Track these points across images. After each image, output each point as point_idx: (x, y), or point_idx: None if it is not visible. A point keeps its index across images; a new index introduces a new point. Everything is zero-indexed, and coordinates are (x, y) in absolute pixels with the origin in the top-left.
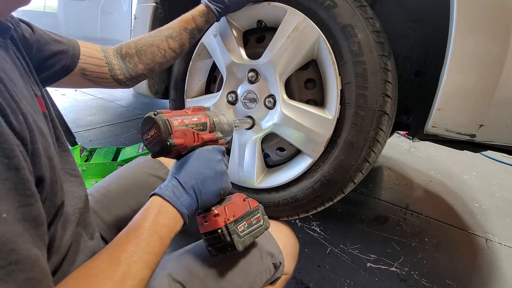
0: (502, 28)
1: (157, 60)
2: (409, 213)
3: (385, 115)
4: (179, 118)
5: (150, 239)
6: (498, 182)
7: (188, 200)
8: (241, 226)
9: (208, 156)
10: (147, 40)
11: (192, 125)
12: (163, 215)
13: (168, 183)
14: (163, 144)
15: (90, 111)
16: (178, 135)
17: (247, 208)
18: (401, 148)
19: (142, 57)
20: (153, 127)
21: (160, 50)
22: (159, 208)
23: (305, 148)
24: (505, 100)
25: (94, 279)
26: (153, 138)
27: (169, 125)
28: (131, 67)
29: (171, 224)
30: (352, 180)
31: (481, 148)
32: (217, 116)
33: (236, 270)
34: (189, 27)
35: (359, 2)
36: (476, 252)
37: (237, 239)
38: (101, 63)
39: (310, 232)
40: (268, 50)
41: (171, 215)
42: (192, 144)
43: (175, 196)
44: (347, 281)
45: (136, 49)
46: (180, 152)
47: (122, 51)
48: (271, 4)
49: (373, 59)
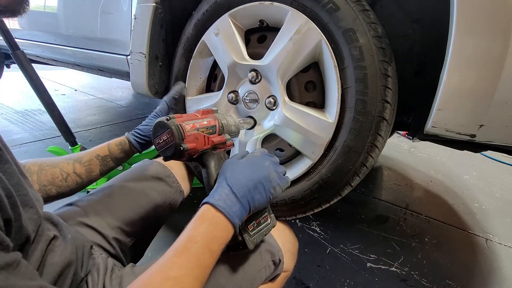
0: (502, 28)
1: (56, 183)
2: (409, 213)
3: (384, 121)
4: (190, 123)
5: (201, 253)
6: (498, 182)
7: (240, 210)
8: (251, 225)
9: (257, 163)
10: (53, 161)
11: (203, 128)
12: (214, 227)
13: (221, 191)
14: (176, 149)
15: (90, 111)
16: (190, 140)
17: None
18: (401, 148)
19: (41, 177)
20: (165, 132)
21: (62, 172)
22: (211, 219)
23: (305, 150)
24: (505, 100)
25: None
26: (165, 142)
27: (182, 130)
28: None
29: (222, 236)
30: (349, 183)
31: (481, 148)
32: (225, 118)
33: (235, 267)
34: (101, 154)
35: (362, 6)
36: (476, 252)
37: (248, 238)
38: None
39: (310, 232)
40: (270, 51)
41: (223, 227)
42: (203, 148)
43: (228, 206)
44: (347, 281)
45: (39, 167)
46: (191, 155)
47: (26, 166)
48: (273, 4)
49: (374, 64)
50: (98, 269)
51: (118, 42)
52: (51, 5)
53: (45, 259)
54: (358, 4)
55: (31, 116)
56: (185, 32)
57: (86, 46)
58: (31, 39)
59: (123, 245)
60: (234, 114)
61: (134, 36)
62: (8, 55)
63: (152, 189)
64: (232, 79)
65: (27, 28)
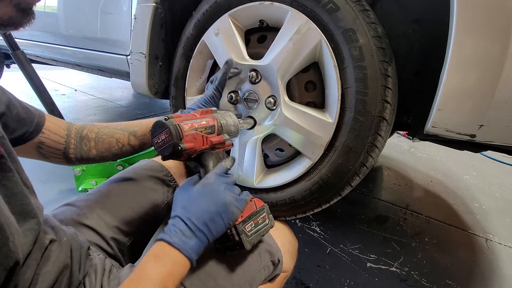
0: (502, 28)
1: (112, 151)
2: (409, 213)
3: (384, 121)
4: (189, 123)
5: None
6: (498, 182)
7: (197, 244)
8: (248, 226)
9: (212, 190)
10: (110, 130)
11: (201, 128)
12: (170, 264)
13: (175, 227)
14: (174, 148)
15: (90, 111)
16: (188, 140)
17: (254, 208)
18: (401, 148)
19: (99, 144)
20: (163, 132)
21: (118, 143)
22: (166, 256)
23: (305, 150)
24: (505, 100)
25: None
26: (164, 142)
27: (180, 130)
28: (85, 150)
29: (178, 272)
30: (349, 183)
31: (481, 148)
32: (224, 118)
33: (234, 268)
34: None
35: (362, 6)
36: (476, 252)
37: (245, 239)
38: (60, 141)
39: (310, 232)
40: (270, 51)
41: (179, 262)
42: (202, 148)
43: (183, 242)
44: (347, 281)
45: (96, 135)
46: (190, 155)
47: (83, 132)
48: (273, 4)
49: (374, 64)
50: (95, 270)
51: (118, 42)
52: (51, 5)
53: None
54: (358, 4)
55: None
56: (185, 32)
57: (86, 46)
58: (31, 39)
59: (121, 245)
60: (233, 114)
61: (134, 36)
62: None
63: (150, 188)
64: (232, 79)
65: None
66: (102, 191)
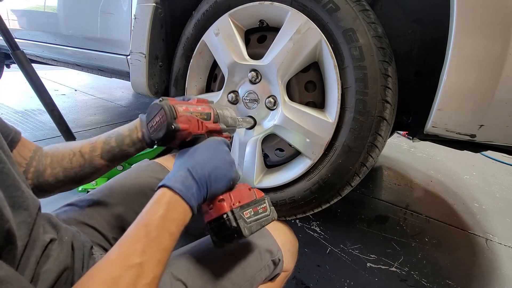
0: (502, 28)
1: (63, 164)
2: (409, 213)
3: (384, 121)
4: (184, 105)
5: (161, 236)
6: (498, 182)
7: (197, 192)
8: (247, 212)
9: (217, 146)
10: (70, 144)
11: (196, 113)
12: (172, 209)
13: (177, 173)
14: (168, 128)
15: (90, 111)
16: (183, 120)
17: (253, 197)
18: (401, 148)
19: (53, 158)
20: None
21: (70, 153)
22: (169, 202)
23: (305, 150)
24: (505, 100)
25: (108, 282)
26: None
27: (174, 110)
28: (41, 171)
29: (181, 218)
30: (349, 183)
31: (481, 148)
32: (221, 109)
33: (235, 267)
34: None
35: (362, 6)
36: (476, 252)
37: (243, 224)
38: (22, 163)
39: (310, 232)
40: (270, 51)
41: (181, 209)
42: (197, 132)
43: (185, 188)
44: (347, 281)
45: (55, 149)
46: (184, 138)
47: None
48: (273, 4)
49: (374, 64)
50: None
51: (118, 42)
52: (51, 5)
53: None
54: (358, 4)
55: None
56: (185, 32)
57: (86, 46)
58: (31, 39)
59: None
60: (231, 110)
61: (134, 36)
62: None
63: (151, 189)
64: (232, 79)
65: (27, 28)
66: (104, 191)
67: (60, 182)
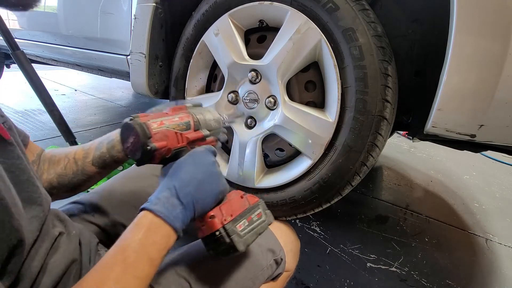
0: (502, 28)
1: (58, 171)
2: (409, 213)
3: (384, 120)
4: (158, 120)
5: (138, 262)
6: (498, 182)
7: (182, 212)
8: (240, 225)
9: (201, 158)
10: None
11: (173, 125)
12: (153, 233)
13: (159, 194)
14: (143, 149)
15: (90, 111)
16: (158, 138)
17: (246, 205)
18: (401, 148)
19: (50, 164)
20: (131, 134)
21: (65, 159)
22: (149, 225)
23: (305, 150)
24: (505, 100)
25: None
26: (133, 145)
27: (146, 128)
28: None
29: (162, 242)
30: (349, 183)
31: (481, 148)
32: (201, 113)
33: (237, 266)
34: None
35: (361, 6)
36: (476, 252)
37: (237, 239)
38: None
39: (310, 232)
40: (270, 51)
41: (163, 232)
42: (177, 146)
43: (167, 210)
44: (347, 281)
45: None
46: (164, 156)
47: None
48: (273, 4)
49: (374, 64)
50: None
51: (118, 42)
52: (51, 5)
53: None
54: (358, 3)
55: (31, 116)
56: (185, 32)
57: (86, 46)
58: (31, 39)
59: None
60: (214, 110)
61: (134, 36)
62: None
63: (153, 187)
64: (232, 79)
65: (27, 28)
66: (107, 189)
67: (54, 188)
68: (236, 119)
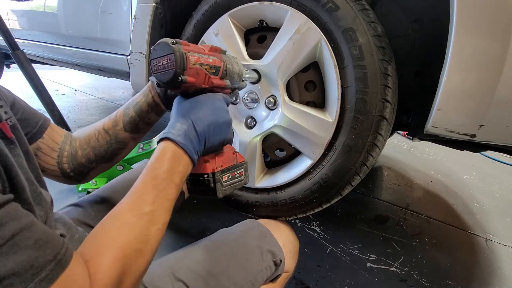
0: (502, 28)
1: (91, 144)
2: (409, 213)
3: (384, 120)
4: (196, 55)
5: (168, 188)
6: (498, 182)
7: (198, 146)
8: (225, 176)
9: (219, 104)
10: (95, 123)
11: (206, 66)
12: (177, 163)
13: (180, 125)
14: (174, 78)
15: (90, 111)
16: (191, 73)
17: (234, 162)
18: (401, 148)
19: (82, 140)
20: (167, 56)
21: (95, 132)
22: (173, 155)
23: (305, 150)
24: (505, 100)
25: (122, 229)
26: (164, 67)
27: (186, 60)
28: (74, 153)
29: (183, 170)
30: (349, 183)
31: (481, 148)
32: (231, 63)
33: (236, 267)
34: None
35: (361, 5)
36: (476, 252)
37: (220, 188)
38: (55, 147)
39: (310, 232)
40: (269, 51)
41: (184, 162)
42: (201, 86)
43: (188, 142)
44: (347, 281)
45: (82, 131)
46: (187, 90)
47: (73, 135)
48: (273, 4)
49: (373, 63)
50: None
51: (118, 42)
52: (51, 5)
53: None
54: (358, 3)
55: None
56: (185, 33)
57: (86, 46)
58: (31, 39)
59: None
60: (240, 63)
61: (134, 36)
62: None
63: None
64: None
65: (27, 28)
66: (106, 192)
67: (93, 162)
68: (249, 78)
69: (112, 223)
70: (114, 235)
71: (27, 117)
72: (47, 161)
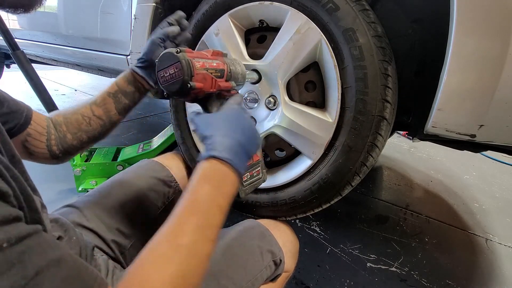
0: (502, 28)
1: (83, 129)
2: (409, 213)
3: (384, 120)
4: (201, 61)
5: (210, 212)
6: (498, 182)
7: (244, 162)
8: (244, 176)
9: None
10: (73, 109)
11: (212, 70)
12: (222, 181)
13: (223, 142)
14: (183, 85)
15: None
16: (198, 79)
17: (251, 161)
18: (401, 148)
19: (69, 126)
20: (173, 65)
21: (84, 118)
22: (217, 173)
23: (305, 150)
24: (505, 100)
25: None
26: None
27: (192, 66)
28: (61, 137)
29: (230, 190)
30: (349, 183)
31: (481, 148)
32: (233, 65)
33: (236, 267)
34: (111, 91)
35: (362, 6)
36: (476, 252)
37: (241, 188)
38: (42, 132)
39: (310, 232)
40: (270, 51)
41: (231, 181)
42: (209, 90)
43: (234, 157)
44: (347, 281)
45: (63, 117)
46: (196, 96)
47: (53, 120)
48: (273, 4)
49: (374, 64)
50: (100, 271)
51: (118, 42)
52: (51, 5)
53: None
54: (358, 3)
55: None
56: None
57: (86, 46)
58: (31, 39)
59: (122, 247)
60: (242, 64)
61: (134, 36)
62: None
63: (151, 189)
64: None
65: (27, 28)
66: (103, 192)
67: (85, 143)
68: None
69: (147, 256)
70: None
71: (13, 110)
72: (37, 145)
